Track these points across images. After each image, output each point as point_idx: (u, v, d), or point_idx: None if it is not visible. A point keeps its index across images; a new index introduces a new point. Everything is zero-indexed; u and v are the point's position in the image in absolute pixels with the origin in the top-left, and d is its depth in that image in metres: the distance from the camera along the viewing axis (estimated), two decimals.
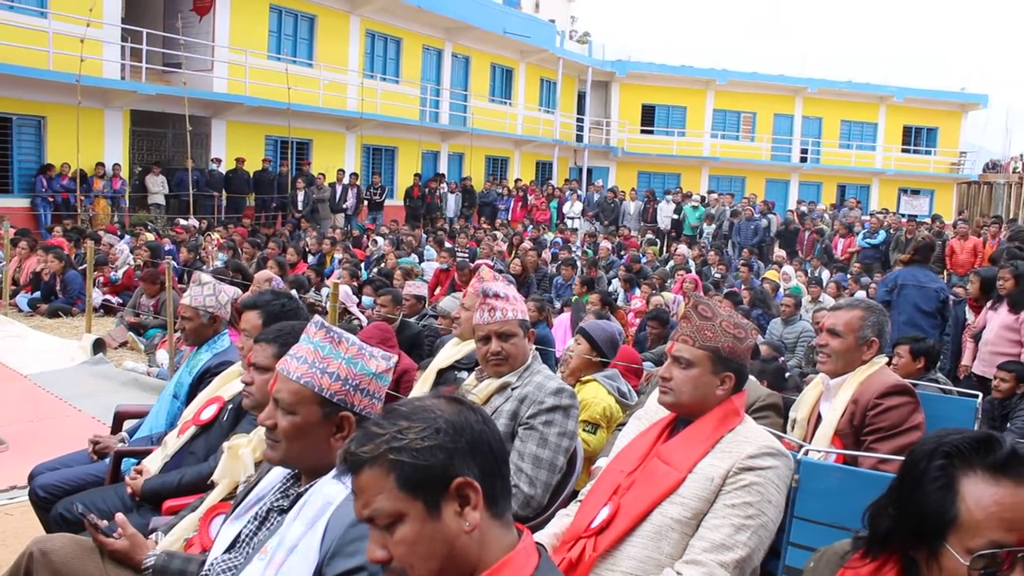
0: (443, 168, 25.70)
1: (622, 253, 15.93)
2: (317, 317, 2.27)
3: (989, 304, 6.77)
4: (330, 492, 2.01)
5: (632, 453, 2.70)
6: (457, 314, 4.86)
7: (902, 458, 3.18)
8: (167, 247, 13.09)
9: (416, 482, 1.50)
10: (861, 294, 11.08)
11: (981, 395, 4.17)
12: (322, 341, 2.17)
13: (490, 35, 26.27)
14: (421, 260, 14.28)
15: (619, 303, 11.25)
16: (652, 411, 2.86)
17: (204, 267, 11.63)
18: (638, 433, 2.81)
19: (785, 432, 3.69)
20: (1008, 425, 6.13)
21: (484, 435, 1.57)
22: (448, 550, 1.52)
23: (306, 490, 2.12)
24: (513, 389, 3.28)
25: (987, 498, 1.50)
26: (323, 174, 20.36)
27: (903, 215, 27.31)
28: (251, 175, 19.46)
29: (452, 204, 23.15)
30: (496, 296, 3.35)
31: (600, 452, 3.96)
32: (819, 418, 3.54)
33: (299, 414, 2.13)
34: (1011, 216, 31.86)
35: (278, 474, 2.32)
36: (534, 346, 3.48)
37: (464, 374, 4.07)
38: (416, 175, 23.23)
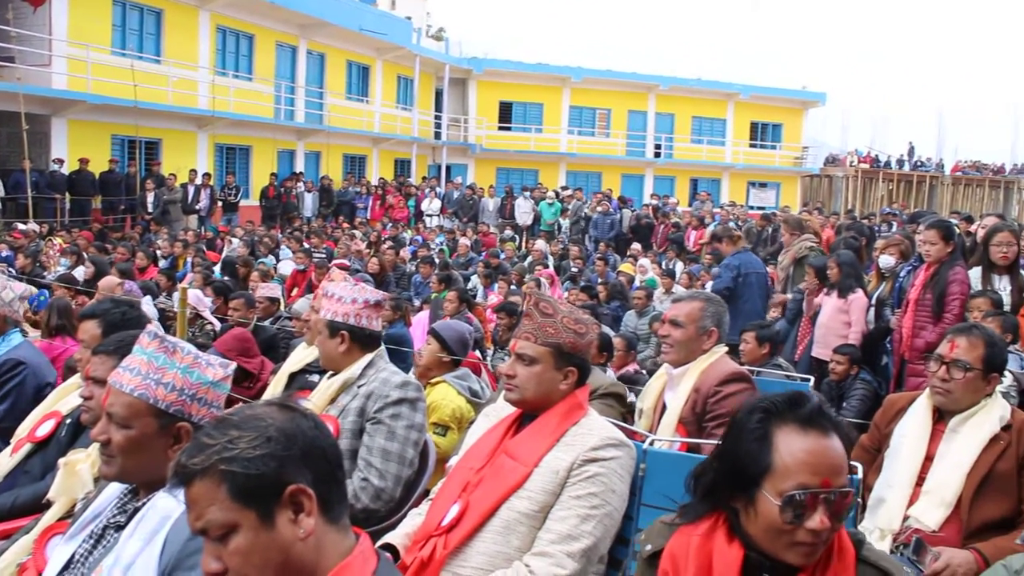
0: (300, 167, 25.19)
1: (481, 250, 16.03)
2: (150, 327, 2.22)
3: (824, 291, 7.13)
4: (167, 506, 1.96)
5: (480, 450, 2.75)
6: (307, 316, 4.81)
7: None
8: (3, 253, 12.41)
9: (248, 491, 1.49)
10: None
11: (813, 378, 4.40)
12: (156, 351, 2.11)
13: (346, 32, 25.88)
14: (278, 261, 14.00)
15: (478, 300, 11.32)
16: (500, 407, 2.91)
17: (45, 274, 11.09)
18: (487, 430, 2.85)
19: (626, 420, 3.81)
20: (844, 404, 6.43)
21: (317, 441, 1.56)
22: (283, 558, 1.51)
23: (143, 504, 2.06)
24: (360, 387, 3.29)
25: (796, 446, 1.72)
26: (174, 175, 19.61)
27: (752, 207, 28.45)
28: (96, 176, 18.56)
29: (310, 203, 22.76)
30: (326, 296, 3.38)
31: (453, 451, 3.99)
32: (664, 407, 3.67)
33: (134, 427, 2.08)
34: (849, 207, 33.67)
35: (115, 489, 2.25)
36: (384, 345, 3.49)
37: (316, 377, 4.04)
38: (272, 174, 22.71)
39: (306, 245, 14.19)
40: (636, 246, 17.12)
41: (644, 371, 6.67)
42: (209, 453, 1.50)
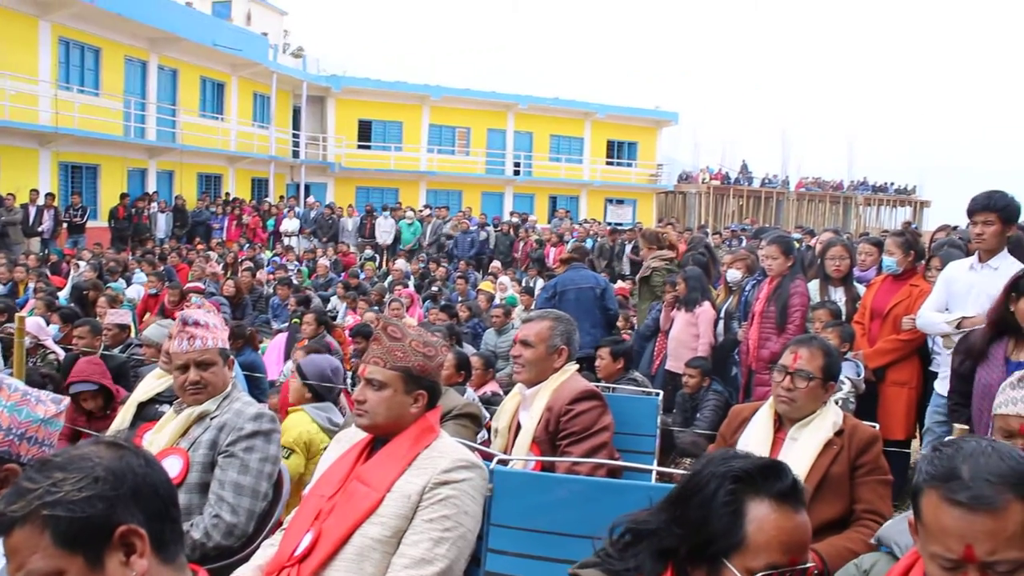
0: (152, 187, 24.32)
1: (341, 270, 15.86)
2: None
3: (675, 306, 7.37)
4: None
5: (332, 476, 2.73)
6: (167, 346, 4.66)
7: (595, 460, 3.42)
8: None
9: (74, 536, 1.42)
10: None
11: (662, 392, 4.54)
12: None
13: (199, 47, 25.20)
14: (129, 284, 13.49)
15: (338, 320, 11.19)
16: (352, 433, 2.90)
17: None
18: (339, 456, 2.84)
19: (483, 440, 3.85)
20: (697, 416, 6.65)
21: (148, 479, 1.51)
22: None
23: None
24: (212, 419, 3.22)
25: (770, 523, 1.65)
26: (13, 194, 18.61)
27: (610, 223, 29.11)
28: None
29: (163, 224, 22.03)
30: (196, 324, 3.30)
31: (298, 475, 3.97)
32: (519, 426, 3.72)
33: None
34: (702, 222, 34.88)
35: None
36: (241, 372, 3.43)
37: (165, 407, 3.92)
38: (123, 195, 21.86)
39: (160, 268, 13.73)
40: (496, 264, 17.27)
41: (502, 391, 6.71)
42: (30, 498, 1.43)
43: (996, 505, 1.61)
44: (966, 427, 3.78)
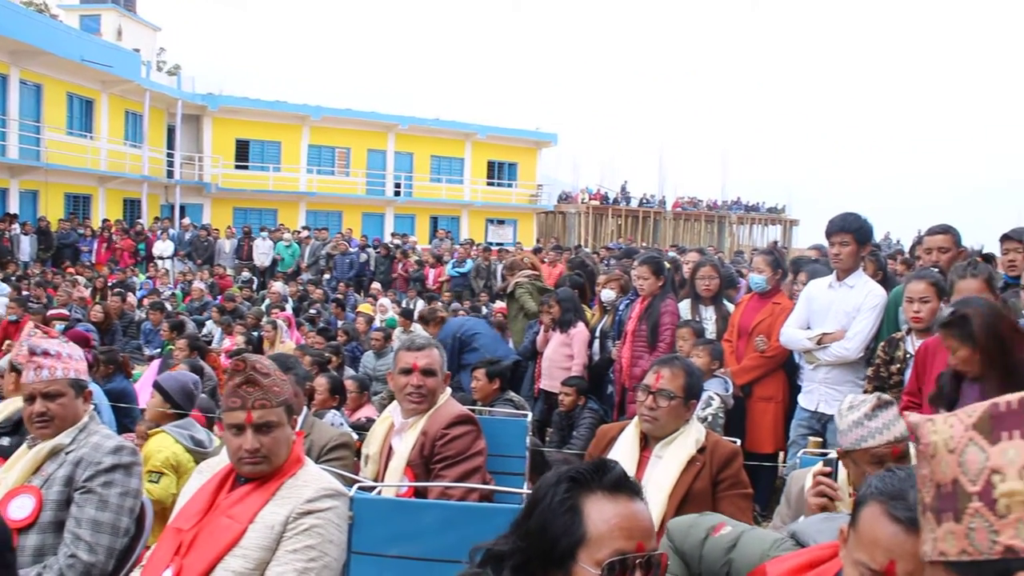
0: (14, 207, 23.27)
1: (217, 294, 15.50)
2: None
3: (551, 328, 7.46)
4: None
5: (193, 509, 2.65)
6: (9, 379, 4.50)
7: (467, 484, 3.43)
8: None
9: None
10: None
11: (530, 414, 4.59)
12: None
13: (65, 62, 24.25)
14: None
15: (214, 345, 10.92)
16: (214, 463, 2.83)
17: None
18: (200, 487, 2.76)
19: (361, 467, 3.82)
20: (575, 433, 6.73)
21: None
22: None
23: None
24: (68, 453, 3.09)
25: (607, 512, 1.69)
26: None
27: (491, 244, 29.29)
28: None
29: (26, 247, 21.07)
30: (45, 353, 3.16)
31: (168, 497, 3.90)
32: (391, 451, 3.70)
33: None
34: (582, 242, 35.43)
35: None
36: (107, 402, 3.31)
37: (5, 440, 3.77)
38: None
39: (25, 293, 13.12)
40: (376, 286, 17.16)
41: (377, 415, 6.66)
42: None
43: None
44: (820, 439, 3.93)
